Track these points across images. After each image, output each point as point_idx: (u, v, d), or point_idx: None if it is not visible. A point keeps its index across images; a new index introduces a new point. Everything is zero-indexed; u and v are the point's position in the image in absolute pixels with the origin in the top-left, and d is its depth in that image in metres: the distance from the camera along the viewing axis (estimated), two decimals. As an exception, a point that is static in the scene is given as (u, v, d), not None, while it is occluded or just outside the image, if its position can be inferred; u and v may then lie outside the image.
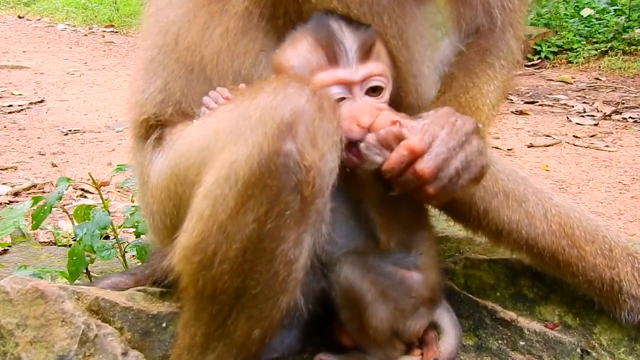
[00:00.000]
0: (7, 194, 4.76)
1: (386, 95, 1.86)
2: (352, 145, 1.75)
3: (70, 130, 6.57)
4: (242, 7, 1.93)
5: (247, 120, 1.67)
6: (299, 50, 1.83)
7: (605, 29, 9.91)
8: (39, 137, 6.37)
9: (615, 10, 10.38)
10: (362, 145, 1.73)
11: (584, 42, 9.85)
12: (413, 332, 1.99)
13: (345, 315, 1.92)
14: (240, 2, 1.93)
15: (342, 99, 1.80)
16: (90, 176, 2.92)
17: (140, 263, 2.79)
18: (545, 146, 6.38)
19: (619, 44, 9.62)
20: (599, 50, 9.63)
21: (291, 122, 1.63)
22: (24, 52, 10.43)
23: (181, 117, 2.00)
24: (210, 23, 1.95)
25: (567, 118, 7.34)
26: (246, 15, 1.93)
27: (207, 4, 1.97)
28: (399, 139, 1.70)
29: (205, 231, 1.70)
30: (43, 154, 5.88)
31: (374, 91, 1.84)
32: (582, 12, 10.45)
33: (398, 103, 1.93)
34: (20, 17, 14.06)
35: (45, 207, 2.78)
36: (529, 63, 9.68)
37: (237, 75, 1.94)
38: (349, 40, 1.81)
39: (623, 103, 7.87)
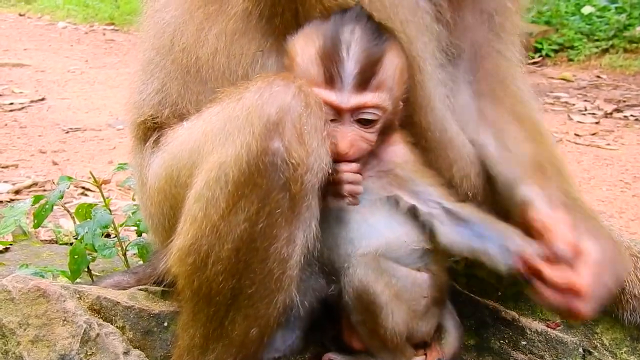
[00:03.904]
0: (8, 192, 4.75)
1: (378, 125, 1.81)
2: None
3: (71, 128, 6.56)
4: (241, 7, 1.91)
5: (235, 120, 1.68)
6: (305, 53, 1.80)
7: (606, 26, 9.87)
8: (40, 135, 6.36)
9: (616, 7, 10.34)
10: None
11: (585, 40, 9.81)
12: (425, 333, 1.99)
13: (358, 319, 1.89)
14: (240, 2, 1.91)
15: (333, 120, 1.76)
16: (92, 174, 2.91)
17: (141, 261, 2.79)
18: (547, 144, 6.36)
19: (620, 42, 9.59)
20: (600, 48, 9.60)
21: (278, 120, 1.63)
22: (24, 50, 10.40)
23: (178, 118, 2.00)
24: (206, 24, 1.94)
25: (568, 116, 7.32)
26: (245, 16, 1.91)
27: (204, 5, 1.96)
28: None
29: (198, 233, 1.71)
30: (44, 152, 5.87)
31: (365, 122, 1.79)
32: (583, 10, 10.41)
33: None
34: (21, 15, 14.02)
35: (47, 206, 2.77)
36: (530, 61, 9.65)
37: (234, 76, 1.93)
38: (351, 62, 1.74)
39: (624, 101, 7.86)
